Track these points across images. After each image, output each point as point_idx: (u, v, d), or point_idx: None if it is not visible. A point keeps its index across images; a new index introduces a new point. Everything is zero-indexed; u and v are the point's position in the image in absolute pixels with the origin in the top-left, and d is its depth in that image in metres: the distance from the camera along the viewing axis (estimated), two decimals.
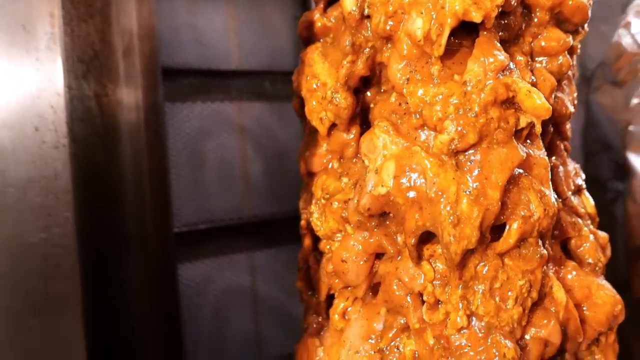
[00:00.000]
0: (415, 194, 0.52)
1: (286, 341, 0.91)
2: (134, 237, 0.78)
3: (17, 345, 0.64)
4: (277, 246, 0.92)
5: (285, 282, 0.90)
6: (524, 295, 0.55)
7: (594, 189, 0.80)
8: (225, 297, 0.89)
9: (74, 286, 0.68)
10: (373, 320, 0.60)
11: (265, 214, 0.91)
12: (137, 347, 0.78)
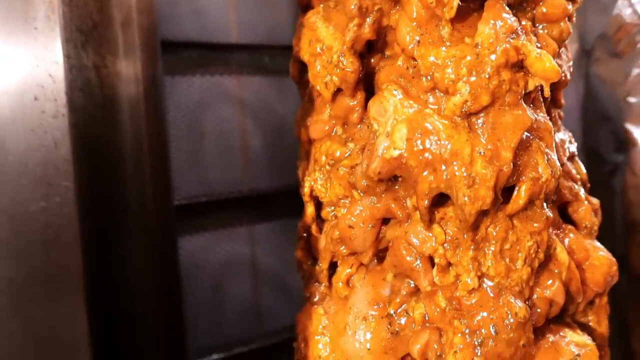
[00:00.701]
0: (428, 156, 0.52)
1: (287, 313, 0.91)
2: (134, 209, 0.77)
3: (18, 313, 0.64)
4: (277, 219, 0.92)
5: (286, 254, 0.89)
6: (532, 256, 0.56)
7: (593, 162, 0.81)
8: (225, 269, 0.89)
9: (75, 255, 0.67)
10: (379, 286, 0.60)
11: (265, 187, 0.91)
12: (138, 318, 0.77)
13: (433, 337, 0.56)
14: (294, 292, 0.91)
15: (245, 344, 0.90)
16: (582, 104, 0.86)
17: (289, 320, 0.93)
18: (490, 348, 0.54)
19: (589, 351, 0.58)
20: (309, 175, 0.63)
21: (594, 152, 0.84)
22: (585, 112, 0.85)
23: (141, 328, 0.78)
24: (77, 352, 0.66)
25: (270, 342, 0.91)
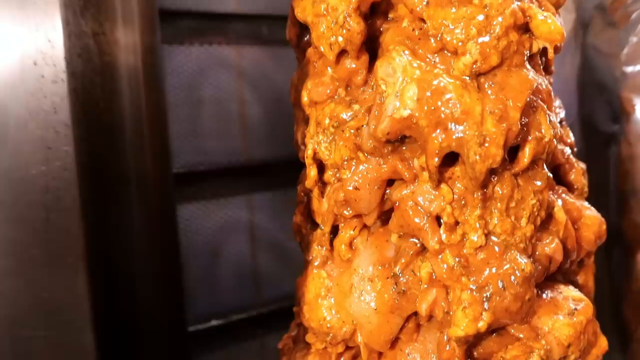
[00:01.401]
0: (439, 115, 0.53)
1: (285, 280, 0.92)
2: (134, 176, 0.78)
3: (20, 274, 0.64)
4: (274, 189, 0.93)
5: (284, 222, 0.90)
6: (535, 214, 0.57)
7: (588, 133, 0.82)
8: (223, 236, 0.89)
9: (75, 219, 0.67)
10: (383, 248, 0.61)
11: (263, 156, 0.92)
12: (137, 283, 0.78)
13: (440, 295, 0.57)
14: (292, 259, 0.91)
15: (244, 310, 0.90)
16: (578, 74, 0.87)
17: (287, 288, 0.94)
18: (498, 303, 0.55)
19: (585, 305, 0.61)
20: (311, 138, 0.63)
21: (589, 122, 0.85)
22: (581, 82, 0.86)
23: (140, 293, 0.79)
24: (77, 313, 0.67)
25: (269, 309, 0.92)
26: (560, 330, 0.60)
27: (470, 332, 0.56)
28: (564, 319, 0.60)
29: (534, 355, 0.59)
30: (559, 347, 0.59)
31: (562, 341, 0.59)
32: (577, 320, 0.60)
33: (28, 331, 0.64)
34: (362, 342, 0.61)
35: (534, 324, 0.59)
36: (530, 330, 0.59)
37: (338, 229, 0.63)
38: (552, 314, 0.60)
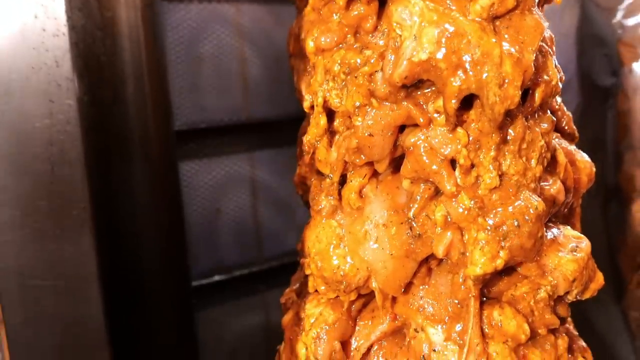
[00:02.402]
0: (459, 57, 0.53)
1: (286, 237, 0.92)
2: (137, 132, 0.78)
3: (26, 224, 0.64)
4: (276, 147, 0.93)
5: (285, 180, 0.90)
6: (543, 156, 0.59)
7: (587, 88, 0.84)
8: (225, 193, 0.89)
9: (79, 172, 0.67)
10: (394, 194, 0.61)
11: (264, 115, 0.92)
12: (142, 238, 0.78)
13: (456, 237, 0.58)
14: (293, 216, 0.92)
15: (245, 266, 0.91)
16: (577, 29, 0.88)
17: (288, 244, 0.95)
18: (513, 241, 0.57)
19: (584, 242, 0.63)
20: (319, 86, 0.62)
21: (588, 77, 0.86)
22: (580, 36, 0.87)
23: (144, 248, 0.80)
24: (83, 264, 0.67)
25: (270, 265, 0.93)
26: (565, 266, 0.62)
27: (489, 270, 0.58)
28: (568, 256, 0.62)
29: (541, 292, 0.62)
30: (565, 282, 0.62)
31: (568, 276, 0.62)
32: (580, 256, 0.63)
33: (35, 281, 0.65)
34: (377, 287, 0.61)
35: (540, 262, 0.61)
36: (537, 268, 0.61)
37: (346, 179, 0.64)
38: (556, 252, 0.62)
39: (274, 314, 0.96)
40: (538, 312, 0.63)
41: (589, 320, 0.82)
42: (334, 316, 0.63)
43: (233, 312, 0.95)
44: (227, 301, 0.94)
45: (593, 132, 0.78)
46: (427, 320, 0.62)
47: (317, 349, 0.63)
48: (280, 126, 0.93)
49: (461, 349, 0.60)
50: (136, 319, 0.81)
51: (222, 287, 0.94)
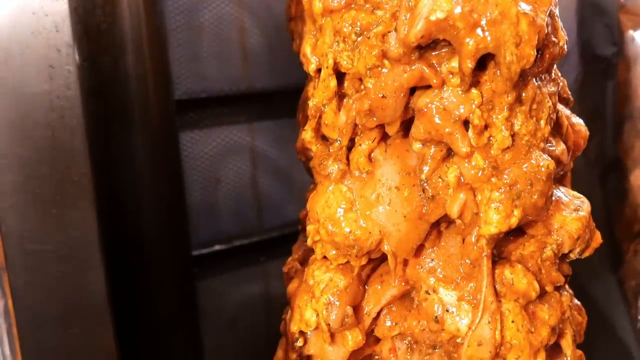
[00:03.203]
0: (475, 16, 0.53)
1: (286, 207, 0.92)
2: (137, 100, 0.77)
3: (28, 189, 0.64)
4: (276, 118, 0.92)
5: (286, 150, 0.90)
6: (550, 116, 0.60)
7: (587, 59, 0.85)
8: (225, 163, 0.89)
9: (80, 138, 0.67)
10: (404, 157, 0.61)
11: (264, 85, 0.91)
12: (143, 206, 0.78)
13: (469, 197, 0.58)
14: (293, 187, 0.92)
15: (245, 237, 0.91)
16: None
17: (288, 215, 0.95)
18: (526, 200, 0.57)
19: (585, 201, 0.65)
20: (329, 48, 0.61)
21: (588, 47, 0.87)
22: (580, 6, 0.88)
23: (145, 216, 0.80)
24: (84, 229, 0.66)
25: (270, 236, 0.92)
26: (570, 225, 0.63)
27: (504, 228, 0.58)
28: (572, 215, 0.64)
29: (547, 250, 0.63)
30: (570, 241, 0.63)
31: (573, 234, 0.63)
32: (582, 215, 0.64)
33: (37, 245, 0.64)
34: (390, 250, 0.61)
35: (546, 221, 0.63)
36: (544, 227, 0.63)
37: (353, 143, 0.63)
38: (560, 211, 0.63)
39: (274, 284, 0.97)
40: (545, 270, 0.64)
41: (585, 290, 0.83)
42: (345, 281, 0.63)
43: (233, 281, 0.95)
44: (227, 271, 0.94)
45: (593, 103, 0.79)
46: (439, 281, 0.62)
47: (329, 314, 0.63)
48: (280, 97, 0.92)
49: (475, 308, 0.61)
50: (137, 286, 0.81)
51: (222, 256, 0.93)
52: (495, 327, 0.60)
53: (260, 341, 0.89)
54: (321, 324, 0.63)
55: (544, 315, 0.63)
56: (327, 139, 0.65)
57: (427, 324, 0.63)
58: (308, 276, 0.66)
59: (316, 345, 0.66)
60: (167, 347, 0.86)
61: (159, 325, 0.84)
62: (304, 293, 0.65)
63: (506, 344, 0.61)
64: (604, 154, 0.76)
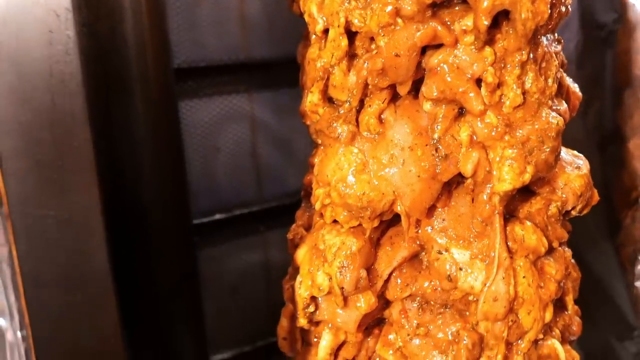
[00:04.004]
0: None
1: (286, 177, 0.91)
2: (136, 68, 0.76)
3: (29, 155, 0.63)
4: (275, 88, 0.92)
5: (286, 119, 0.90)
6: (556, 75, 0.61)
7: (588, 28, 0.85)
8: (224, 132, 0.88)
9: (80, 104, 0.65)
10: (415, 117, 0.61)
11: (263, 55, 0.90)
12: (143, 175, 0.78)
13: (482, 155, 0.59)
14: (293, 157, 0.91)
15: (245, 206, 0.90)
16: None
17: (288, 185, 0.94)
18: (538, 156, 0.58)
19: (584, 160, 0.67)
20: (339, 6, 0.60)
21: (589, 14, 0.87)
22: None
23: (145, 183, 0.79)
24: (85, 194, 0.66)
25: (270, 205, 0.92)
26: (574, 182, 0.65)
27: (517, 185, 0.59)
28: (574, 172, 0.65)
29: (552, 207, 0.65)
30: (573, 197, 0.65)
31: (576, 191, 0.65)
32: (584, 172, 0.66)
33: (38, 210, 0.63)
34: (403, 211, 0.61)
35: (551, 179, 0.64)
36: (549, 185, 0.64)
37: (361, 105, 0.63)
38: (563, 169, 0.65)
39: (273, 253, 0.97)
40: (550, 226, 0.66)
41: (583, 258, 0.85)
42: (358, 244, 0.63)
43: (233, 250, 0.95)
44: (227, 240, 0.94)
45: (593, 70, 0.80)
46: (451, 241, 0.63)
47: (343, 278, 0.63)
48: (279, 67, 0.91)
49: (489, 265, 0.62)
50: (138, 254, 0.81)
51: (222, 225, 0.93)
52: (509, 283, 0.61)
53: (260, 309, 0.91)
54: (334, 287, 0.63)
55: (551, 271, 0.64)
56: (333, 102, 0.65)
57: (440, 284, 0.63)
58: (318, 241, 0.65)
59: (328, 310, 0.66)
60: (169, 314, 0.86)
61: (160, 293, 0.84)
62: (315, 258, 0.65)
63: (518, 299, 0.62)
64: (603, 122, 0.78)
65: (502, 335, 0.62)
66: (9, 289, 0.54)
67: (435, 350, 0.64)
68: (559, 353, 0.66)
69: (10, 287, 0.53)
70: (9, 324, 0.54)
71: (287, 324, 0.74)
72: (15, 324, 0.55)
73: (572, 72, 0.86)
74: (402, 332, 0.66)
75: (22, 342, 0.55)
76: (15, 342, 0.56)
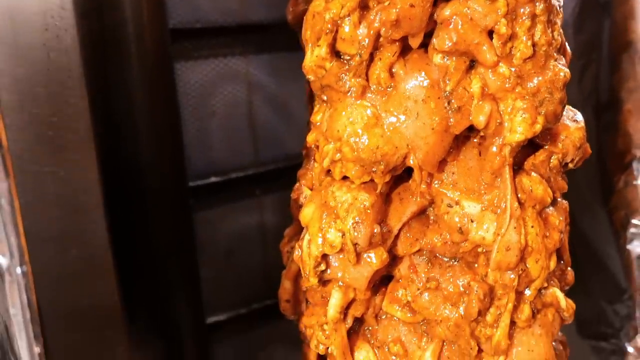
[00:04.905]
0: None
1: (282, 140, 0.90)
2: (130, 24, 0.74)
3: (24, 109, 0.61)
4: (272, 51, 0.90)
5: (283, 82, 0.88)
6: (559, 29, 0.62)
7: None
8: (221, 94, 0.86)
9: (75, 59, 0.64)
10: (426, 70, 0.61)
11: (259, 18, 0.89)
12: (138, 133, 0.76)
13: (493, 107, 0.60)
14: (290, 120, 0.90)
15: (241, 169, 0.88)
16: None
17: (285, 148, 0.93)
18: (548, 107, 0.60)
19: (579, 114, 0.68)
20: None
21: None
22: None
23: (141, 143, 0.78)
24: (82, 151, 0.65)
25: (266, 169, 0.90)
26: (574, 135, 0.66)
27: (529, 135, 0.60)
28: (574, 125, 0.67)
29: (553, 159, 0.66)
30: (573, 149, 0.66)
31: (576, 143, 0.66)
32: (582, 125, 0.68)
33: (35, 166, 0.62)
34: (417, 164, 0.62)
35: (553, 131, 0.65)
36: (551, 137, 0.65)
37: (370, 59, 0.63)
38: (564, 122, 0.66)
39: (269, 217, 0.96)
40: (553, 178, 0.68)
41: (577, 224, 0.87)
42: (371, 199, 0.63)
43: (229, 214, 0.94)
44: (223, 203, 0.93)
45: (590, 34, 0.80)
46: (461, 194, 0.64)
47: (357, 234, 0.62)
48: (276, 30, 0.88)
49: (500, 216, 0.63)
50: (135, 213, 0.79)
51: (218, 189, 0.92)
52: (521, 232, 0.62)
53: (255, 272, 0.91)
54: (347, 244, 0.63)
55: (554, 221, 0.66)
56: (340, 56, 0.64)
57: (450, 237, 0.64)
58: (328, 198, 0.65)
59: (339, 268, 0.65)
60: (165, 275, 0.85)
61: (156, 252, 0.83)
62: (326, 215, 0.64)
63: (527, 248, 0.63)
64: (599, 87, 0.79)
65: (512, 285, 0.64)
66: (8, 226, 0.51)
67: (447, 303, 0.65)
68: (560, 300, 0.68)
69: (10, 223, 0.50)
70: (9, 260, 0.51)
71: (290, 286, 0.73)
72: (15, 260, 0.52)
73: (570, 36, 0.87)
74: (412, 287, 0.66)
75: (22, 278, 0.52)
76: (15, 279, 0.53)
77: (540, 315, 0.68)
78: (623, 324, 0.92)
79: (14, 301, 0.55)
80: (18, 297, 0.55)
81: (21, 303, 0.55)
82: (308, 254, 0.66)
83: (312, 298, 0.71)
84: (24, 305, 0.55)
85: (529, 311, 0.66)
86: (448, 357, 0.68)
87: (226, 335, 0.98)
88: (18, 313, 0.54)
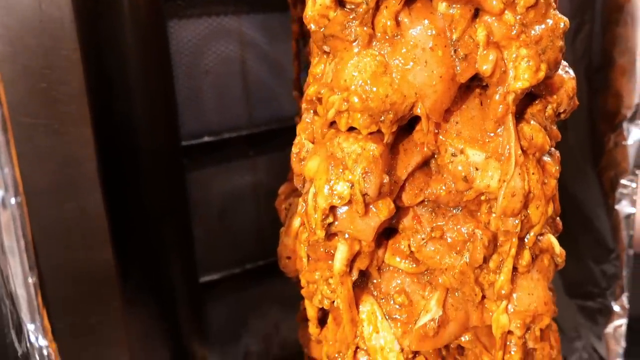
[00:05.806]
0: None
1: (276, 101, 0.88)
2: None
3: (17, 61, 0.60)
4: (267, 11, 0.88)
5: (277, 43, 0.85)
6: None
7: None
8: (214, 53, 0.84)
9: (68, 11, 0.63)
10: (432, 19, 0.61)
11: None
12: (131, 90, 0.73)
13: (498, 55, 0.60)
14: (284, 80, 0.87)
15: (235, 130, 0.86)
16: None
17: (278, 109, 0.91)
18: (550, 55, 0.61)
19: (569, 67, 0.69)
20: None
21: None
22: None
23: (134, 100, 0.76)
24: (75, 106, 0.64)
25: (259, 130, 0.88)
26: (567, 84, 0.68)
27: (534, 82, 0.61)
28: (567, 75, 0.68)
29: (548, 108, 0.68)
30: (567, 99, 0.68)
31: (569, 93, 0.68)
32: (573, 76, 0.69)
33: (28, 118, 0.62)
34: (424, 113, 0.62)
35: (549, 81, 0.66)
36: (547, 86, 0.66)
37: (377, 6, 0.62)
38: (558, 73, 0.67)
39: (262, 178, 0.94)
40: (549, 126, 0.69)
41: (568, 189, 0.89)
42: (379, 149, 0.62)
43: (222, 174, 0.92)
44: (216, 163, 0.91)
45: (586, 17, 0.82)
46: (466, 142, 0.65)
47: (366, 184, 0.62)
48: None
49: (504, 163, 0.64)
50: (128, 169, 0.77)
51: (211, 148, 0.90)
52: (524, 179, 0.64)
53: (249, 232, 0.90)
54: (356, 195, 0.62)
55: (551, 168, 0.68)
56: (344, 5, 0.63)
57: (455, 185, 0.65)
58: (334, 149, 0.64)
59: (346, 220, 0.65)
60: (158, 235, 0.84)
61: (149, 212, 0.82)
62: (333, 167, 0.64)
63: (530, 195, 0.65)
64: (591, 47, 0.80)
65: (515, 231, 0.65)
66: (2, 155, 0.48)
67: (451, 251, 0.66)
68: (554, 246, 0.70)
69: (4, 153, 0.47)
70: (4, 192, 0.48)
71: (290, 242, 0.72)
72: (10, 192, 0.49)
73: None
74: (416, 237, 0.67)
75: (17, 209, 0.49)
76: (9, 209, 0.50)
77: (538, 261, 0.70)
78: (610, 283, 0.94)
79: (9, 232, 0.51)
80: (13, 229, 0.52)
81: (16, 235, 0.52)
82: (314, 207, 0.65)
83: (315, 253, 0.70)
84: (19, 237, 0.52)
85: (529, 256, 0.68)
86: (452, 304, 0.69)
87: (219, 294, 0.98)
88: (13, 244, 0.51)
